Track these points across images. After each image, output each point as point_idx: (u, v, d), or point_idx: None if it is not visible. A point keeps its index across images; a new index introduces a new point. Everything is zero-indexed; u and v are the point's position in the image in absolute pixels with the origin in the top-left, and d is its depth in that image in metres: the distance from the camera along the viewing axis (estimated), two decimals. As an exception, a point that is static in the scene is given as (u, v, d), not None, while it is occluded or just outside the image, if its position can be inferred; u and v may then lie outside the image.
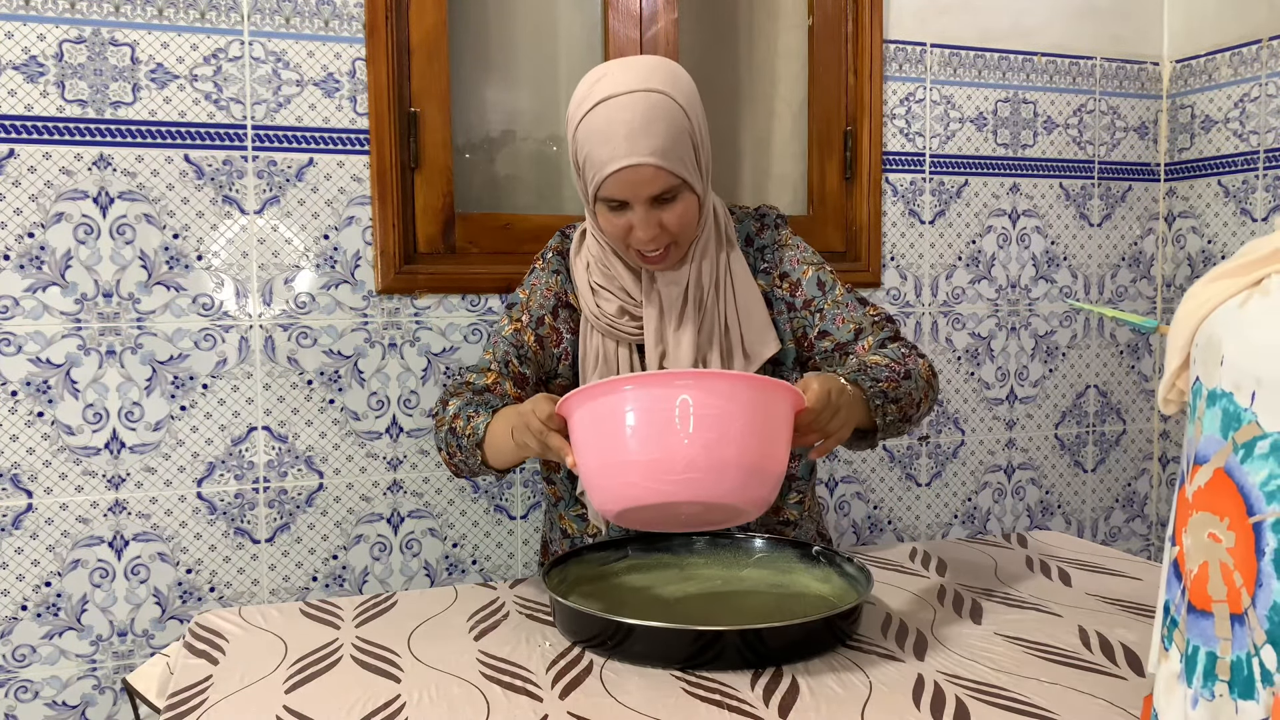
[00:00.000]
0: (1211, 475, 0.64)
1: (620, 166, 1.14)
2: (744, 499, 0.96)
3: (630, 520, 1.01)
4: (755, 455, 0.96)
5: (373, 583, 1.80)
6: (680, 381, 0.95)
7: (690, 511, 0.99)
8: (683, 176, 1.17)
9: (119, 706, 1.66)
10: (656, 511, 0.98)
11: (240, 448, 1.70)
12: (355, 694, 0.94)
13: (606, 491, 0.98)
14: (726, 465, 0.94)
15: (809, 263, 1.33)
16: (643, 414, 0.95)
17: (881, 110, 2.07)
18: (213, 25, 1.65)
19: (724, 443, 0.94)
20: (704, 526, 1.05)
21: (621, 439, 0.96)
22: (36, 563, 1.61)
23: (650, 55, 1.26)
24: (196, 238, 1.66)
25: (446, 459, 1.27)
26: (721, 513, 0.99)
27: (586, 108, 1.16)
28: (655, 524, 1.04)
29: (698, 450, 0.93)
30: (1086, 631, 1.08)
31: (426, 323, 1.80)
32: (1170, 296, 2.35)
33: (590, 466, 0.99)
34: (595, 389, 0.97)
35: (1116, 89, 2.28)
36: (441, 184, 1.80)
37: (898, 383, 1.19)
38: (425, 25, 1.77)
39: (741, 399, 0.95)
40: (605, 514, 1.00)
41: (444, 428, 1.25)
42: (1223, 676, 0.62)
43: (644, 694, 0.93)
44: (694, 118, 1.18)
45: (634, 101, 1.14)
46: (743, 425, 0.95)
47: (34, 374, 1.59)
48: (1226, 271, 0.67)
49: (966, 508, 2.22)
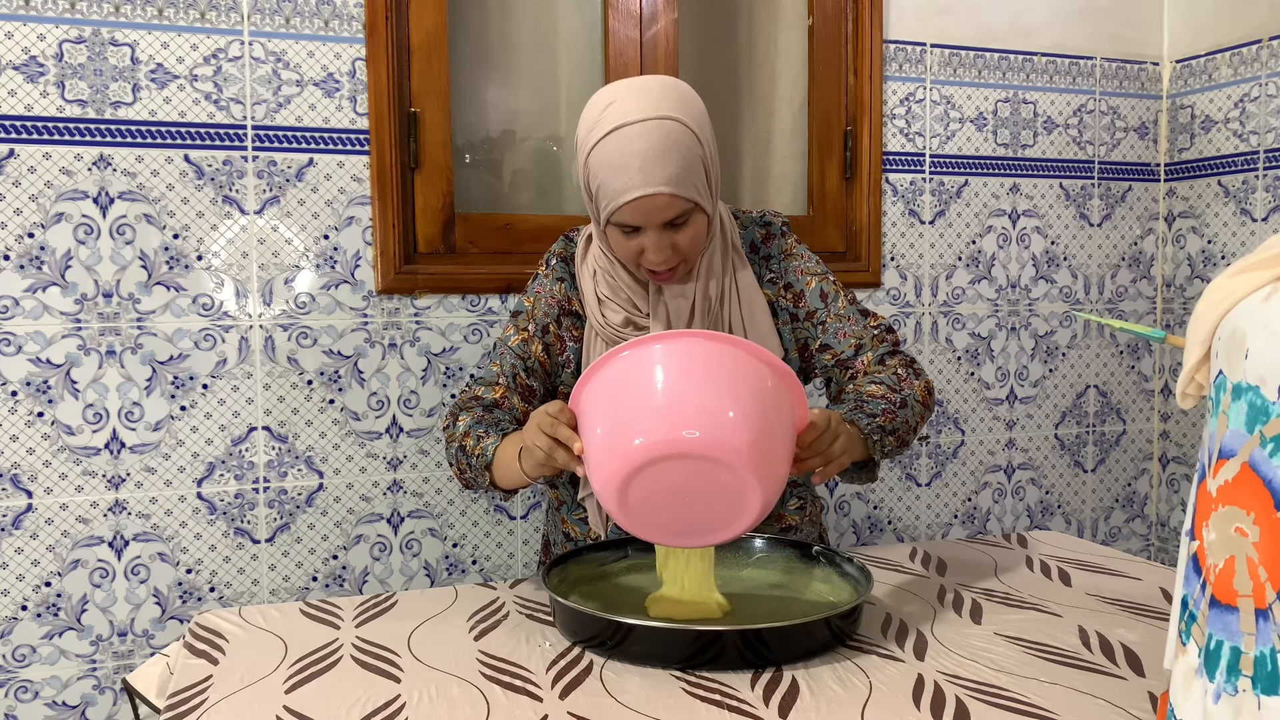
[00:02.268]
0: (1238, 470, 0.64)
1: (635, 197, 1.14)
2: (749, 467, 0.94)
3: (635, 511, 0.99)
4: (760, 421, 0.96)
5: (373, 583, 1.80)
6: (695, 336, 1.00)
7: (695, 488, 0.96)
8: (695, 201, 1.17)
9: (119, 706, 1.66)
10: (663, 483, 0.96)
11: (240, 448, 1.70)
12: (355, 694, 0.94)
13: (615, 456, 0.96)
14: (735, 420, 0.94)
15: (813, 273, 1.33)
16: (666, 363, 0.98)
17: (881, 110, 2.07)
18: (213, 25, 1.65)
19: (734, 397, 0.96)
20: (706, 536, 1.03)
21: (636, 393, 0.97)
22: (36, 563, 1.61)
23: (658, 76, 1.25)
24: (196, 238, 1.66)
25: (457, 474, 1.29)
26: (724, 502, 0.98)
27: (598, 136, 1.15)
28: (658, 526, 1.02)
29: (710, 398, 0.96)
30: (1086, 631, 1.08)
31: (426, 323, 1.80)
32: (1170, 296, 2.35)
33: (600, 438, 0.98)
34: (614, 353, 1.00)
35: (1116, 89, 2.28)
36: (441, 184, 1.80)
37: (894, 414, 1.21)
38: (425, 25, 1.77)
39: (750, 363, 0.99)
40: (610, 495, 0.98)
41: (454, 444, 1.26)
42: (1246, 672, 0.62)
43: (644, 694, 0.93)
44: (705, 141, 1.18)
45: (647, 131, 1.13)
46: (751, 388, 0.97)
47: (34, 374, 1.59)
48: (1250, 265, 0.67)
49: (966, 508, 2.22)
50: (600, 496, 1.00)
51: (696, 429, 0.93)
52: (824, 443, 1.07)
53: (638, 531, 1.02)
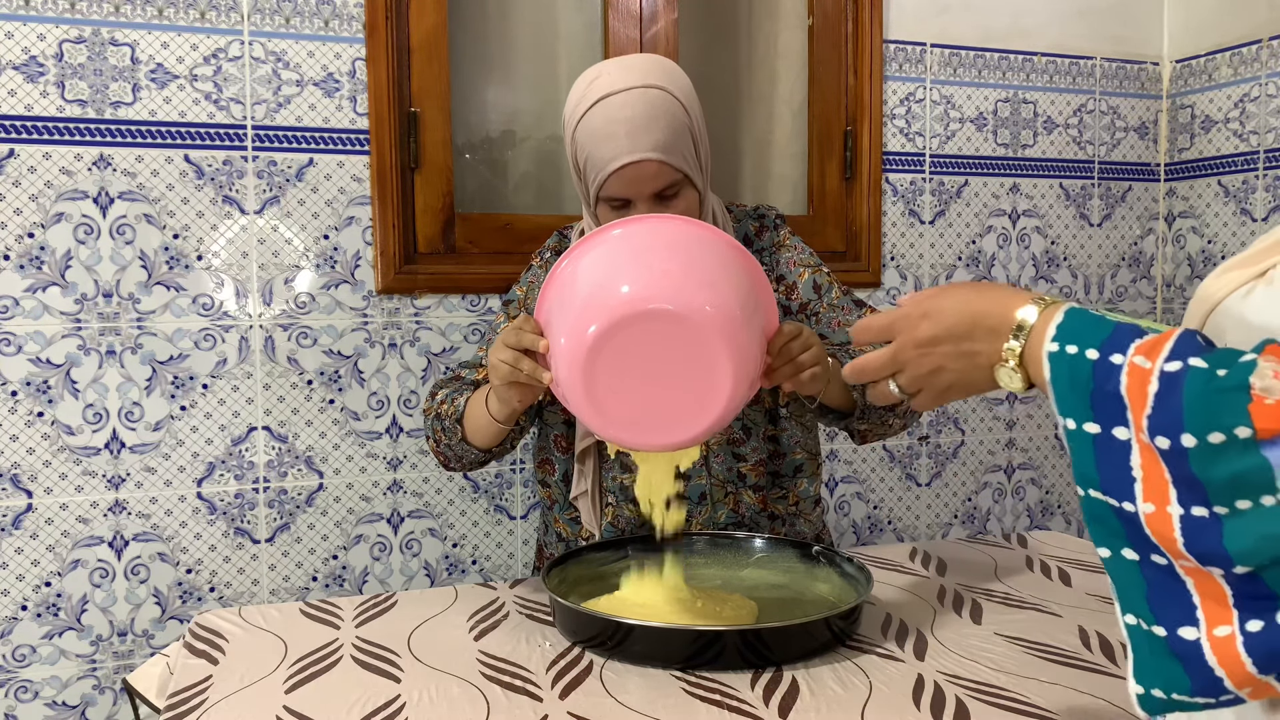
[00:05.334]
0: None
1: (623, 163, 1.14)
2: (716, 328, 0.92)
3: (604, 403, 0.94)
4: (728, 288, 0.95)
5: (373, 583, 1.80)
6: (659, 219, 1.02)
7: (663, 364, 0.93)
8: (685, 171, 1.17)
9: (119, 706, 1.66)
10: (630, 364, 0.93)
11: (240, 448, 1.70)
12: (355, 694, 0.94)
13: (578, 337, 0.93)
14: (700, 284, 0.94)
15: (805, 265, 1.32)
16: (625, 244, 0.97)
17: (881, 110, 2.07)
18: (213, 25, 1.65)
19: (702, 267, 0.96)
20: (681, 425, 0.96)
21: (599, 277, 0.96)
22: (36, 563, 1.61)
23: (645, 54, 1.26)
24: (196, 238, 1.66)
25: (433, 446, 1.27)
26: (694, 381, 0.93)
27: (584, 108, 1.16)
28: (629, 420, 0.96)
29: (674, 265, 0.95)
30: (1086, 631, 1.08)
31: (426, 323, 1.80)
32: (1170, 296, 2.35)
33: (563, 328, 0.96)
34: (573, 249, 1.00)
35: (1116, 89, 2.28)
36: (441, 184, 1.80)
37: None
38: (425, 25, 1.77)
39: (713, 237, 1.00)
40: (577, 383, 0.93)
41: (431, 415, 1.26)
42: None
43: (644, 694, 0.93)
44: (693, 113, 1.19)
45: (633, 98, 1.14)
46: (717, 260, 0.98)
47: (34, 374, 1.59)
48: (1237, 263, 0.67)
49: (966, 508, 2.22)
50: (567, 390, 0.96)
51: (660, 291, 0.92)
52: (794, 349, 1.03)
53: (611, 430, 0.97)
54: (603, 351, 0.93)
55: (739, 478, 1.30)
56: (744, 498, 1.31)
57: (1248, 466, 0.53)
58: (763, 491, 1.32)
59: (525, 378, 1.02)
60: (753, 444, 1.30)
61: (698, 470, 1.27)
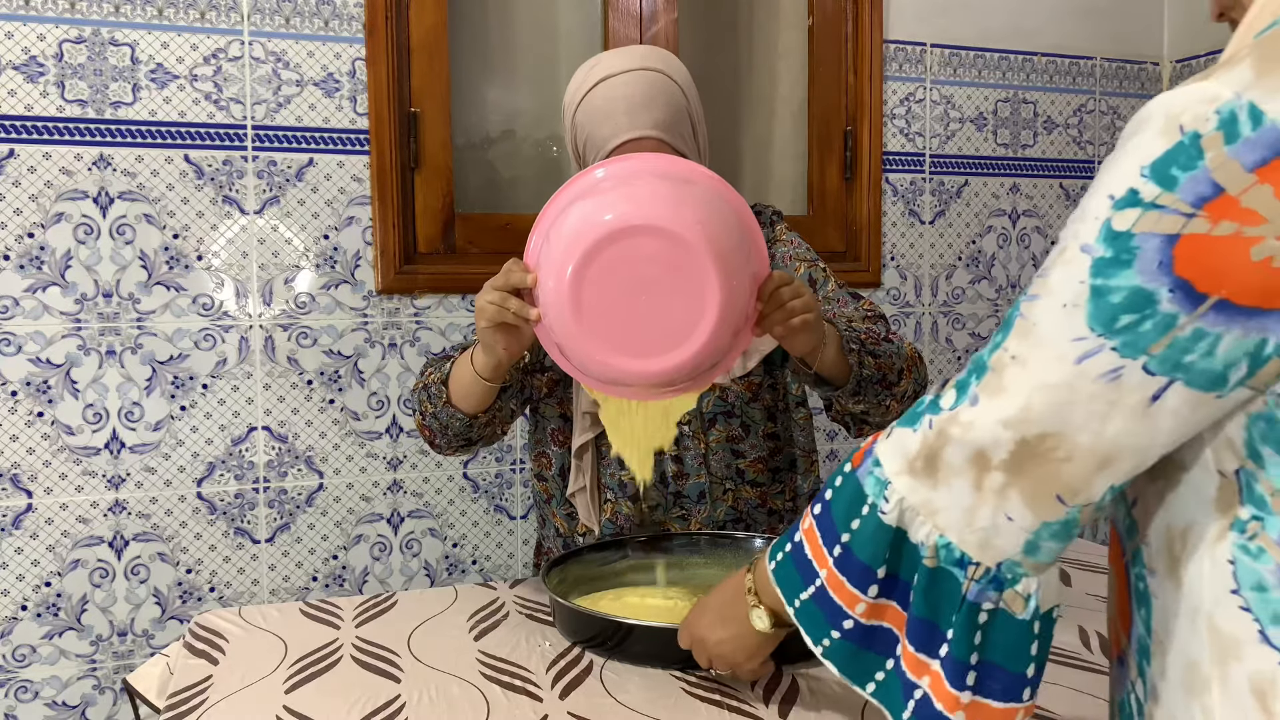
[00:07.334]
0: None
1: (623, 141, 1.15)
2: (703, 244, 0.90)
3: (591, 320, 0.93)
4: (719, 219, 0.94)
5: (373, 583, 1.80)
6: (649, 154, 1.01)
7: (650, 282, 0.92)
8: (684, 152, 1.18)
9: (119, 706, 1.66)
10: (617, 279, 0.91)
11: (240, 448, 1.70)
12: (355, 694, 0.94)
13: (565, 254, 0.92)
14: (689, 205, 0.93)
15: (801, 259, 1.32)
16: (611, 178, 0.96)
17: (881, 110, 2.07)
18: (213, 25, 1.65)
19: (690, 193, 0.95)
20: (668, 347, 0.94)
21: (591, 204, 0.94)
22: (36, 563, 1.61)
23: (643, 45, 1.27)
24: (196, 238, 1.66)
25: (419, 421, 1.24)
26: (682, 299, 0.92)
27: (584, 90, 1.18)
28: (615, 341, 0.94)
29: (666, 189, 0.94)
30: (1086, 632, 1.08)
31: (426, 323, 1.80)
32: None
33: (553, 255, 0.95)
34: (561, 191, 0.99)
35: (1116, 89, 2.28)
36: (441, 184, 1.80)
37: (877, 342, 1.16)
38: (425, 25, 1.77)
39: (703, 172, 0.99)
40: (564, 301, 0.92)
41: (418, 389, 1.24)
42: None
43: (644, 694, 0.93)
44: (690, 97, 1.20)
45: (632, 79, 1.15)
46: (709, 195, 0.97)
47: (34, 374, 1.59)
48: None
49: (966, 508, 2.22)
50: (555, 318, 0.95)
51: (652, 210, 0.91)
52: (784, 294, 1.01)
53: (596, 353, 0.95)
54: (591, 265, 0.91)
55: (738, 474, 1.30)
56: (743, 494, 1.31)
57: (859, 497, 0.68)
58: (762, 487, 1.32)
59: (513, 317, 1.00)
60: (751, 441, 1.30)
61: (697, 469, 1.27)
